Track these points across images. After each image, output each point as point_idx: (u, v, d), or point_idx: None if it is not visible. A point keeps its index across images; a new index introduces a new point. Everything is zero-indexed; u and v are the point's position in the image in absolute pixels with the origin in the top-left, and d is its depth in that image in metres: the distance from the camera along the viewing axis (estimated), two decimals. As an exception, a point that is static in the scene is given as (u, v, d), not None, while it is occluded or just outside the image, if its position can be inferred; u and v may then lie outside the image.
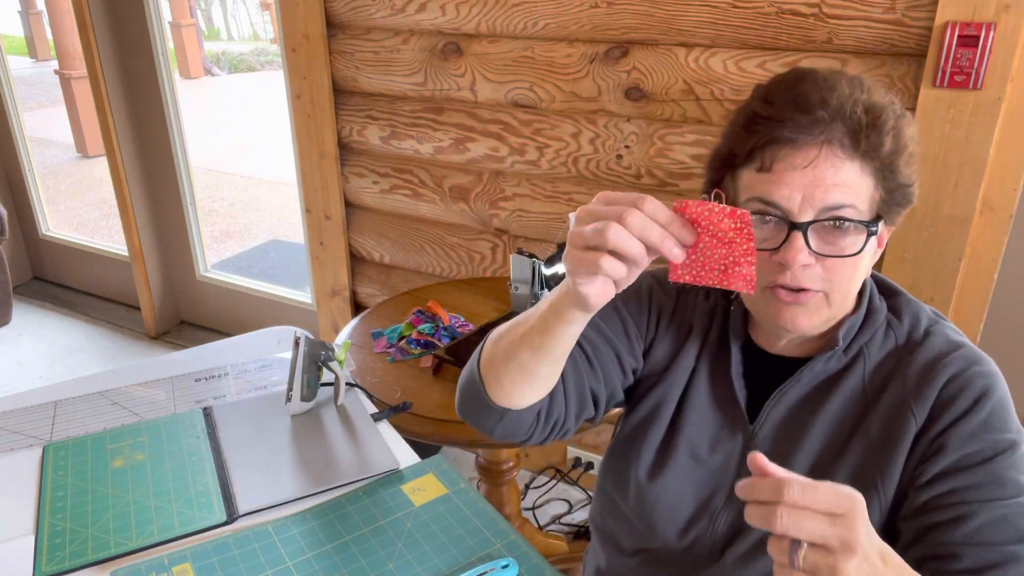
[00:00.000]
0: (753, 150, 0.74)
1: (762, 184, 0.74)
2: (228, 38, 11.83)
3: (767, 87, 0.78)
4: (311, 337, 1.20)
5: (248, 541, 0.95)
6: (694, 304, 0.91)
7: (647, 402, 0.91)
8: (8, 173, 3.30)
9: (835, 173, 0.72)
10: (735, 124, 0.79)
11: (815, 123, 0.72)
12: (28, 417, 1.20)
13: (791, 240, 0.73)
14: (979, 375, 0.77)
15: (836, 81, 0.75)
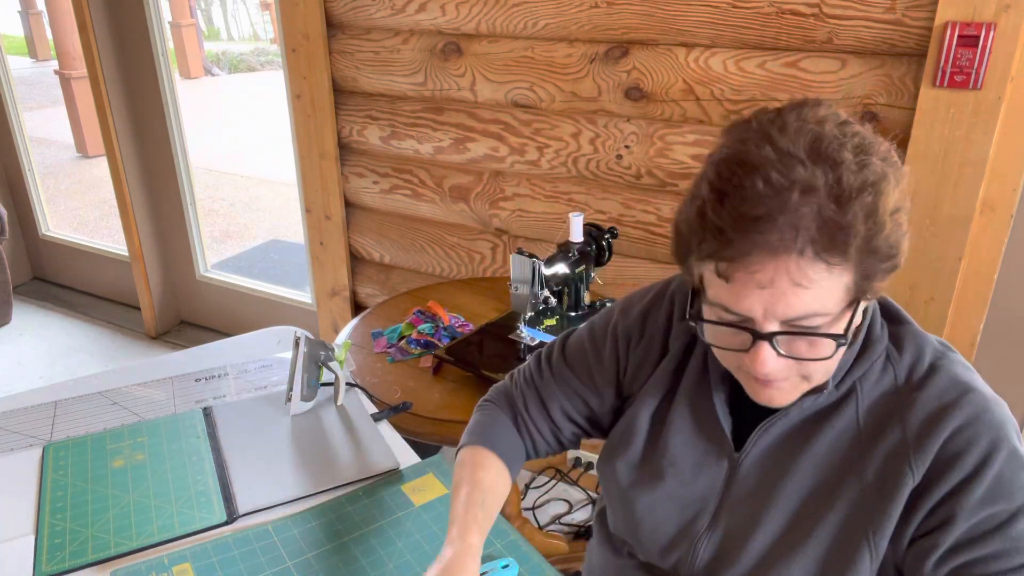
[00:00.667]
0: (705, 254, 0.67)
1: (723, 292, 0.68)
2: (228, 38, 11.83)
3: (717, 176, 0.67)
4: (311, 337, 1.20)
5: (248, 541, 0.95)
6: (666, 323, 0.88)
7: (624, 418, 0.90)
8: (8, 173, 3.30)
9: (798, 286, 0.64)
10: (688, 207, 0.70)
11: (769, 239, 0.63)
12: (28, 417, 1.20)
13: (757, 349, 0.68)
14: (986, 427, 0.70)
15: (790, 172, 0.63)
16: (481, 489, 0.87)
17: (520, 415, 0.96)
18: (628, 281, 1.87)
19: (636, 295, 0.93)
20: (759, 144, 0.65)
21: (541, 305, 1.52)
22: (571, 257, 1.51)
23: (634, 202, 1.79)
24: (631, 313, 0.91)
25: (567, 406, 0.94)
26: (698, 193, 0.68)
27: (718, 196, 0.65)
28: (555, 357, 0.97)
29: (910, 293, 1.53)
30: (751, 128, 0.68)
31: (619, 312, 0.93)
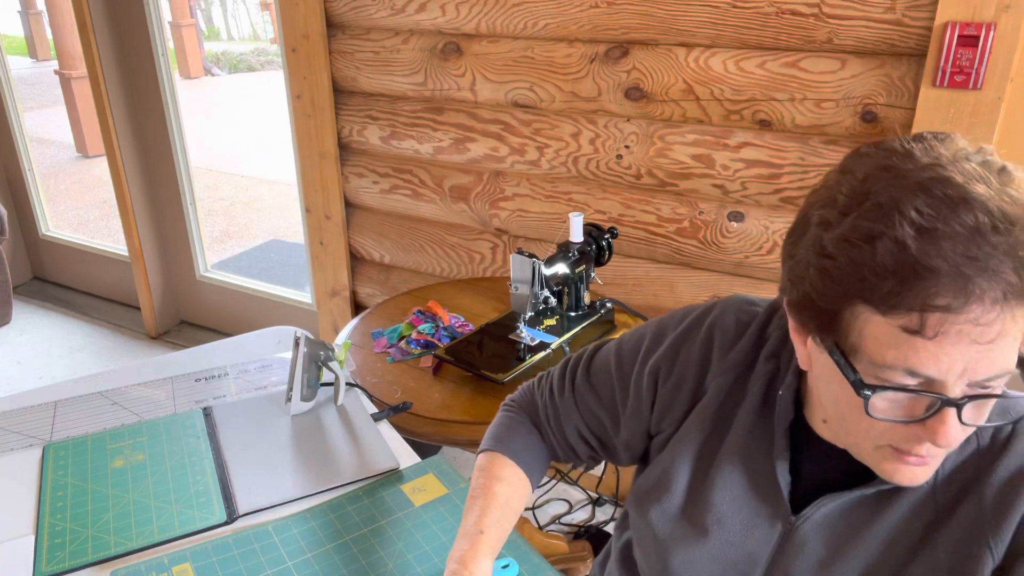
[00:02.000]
0: (902, 305, 0.55)
1: (912, 351, 0.56)
2: (228, 38, 11.83)
3: (915, 207, 0.55)
4: (311, 337, 1.20)
5: (248, 541, 0.95)
6: (701, 360, 0.79)
7: (658, 463, 0.82)
8: (8, 173, 3.30)
9: (1011, 338, 0.56)
10: (862, 247, 0.56)
11: (997, 285, 0.53)
12: (28, 417, 1.20)
13: (943, 418, 0.57)
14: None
15: (1010, 206, 0.54)
16: (497, 504, 0.84)
17: (542, 425, 0.93)
18: (628, 281, 1.87)
19: (670, 320, 0.85)
20: (965, 175, 0.56)
21: (541, 305, 1.52)
22: (571, 257, 1.51)
23: (634, 202, 1.79)
24: (662, 341, 0.83)
25: (582, 427, 0.90)
26: (880, 231, 0.55)
27: (925, 234, 0.53)
28: (579, 374, 0.91)
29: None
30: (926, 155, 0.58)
31: (651, 337, 0.85)
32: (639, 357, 0.84)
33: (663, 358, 0.82)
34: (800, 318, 0.64)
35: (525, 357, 1.42)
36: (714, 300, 0.83)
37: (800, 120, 1.56)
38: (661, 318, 0.86)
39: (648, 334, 0.85)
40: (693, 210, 1.73)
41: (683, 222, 1.75)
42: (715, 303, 0.82)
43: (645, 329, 0.87)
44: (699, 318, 0.81)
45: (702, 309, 0.82)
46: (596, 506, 2.10)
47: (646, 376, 0.82)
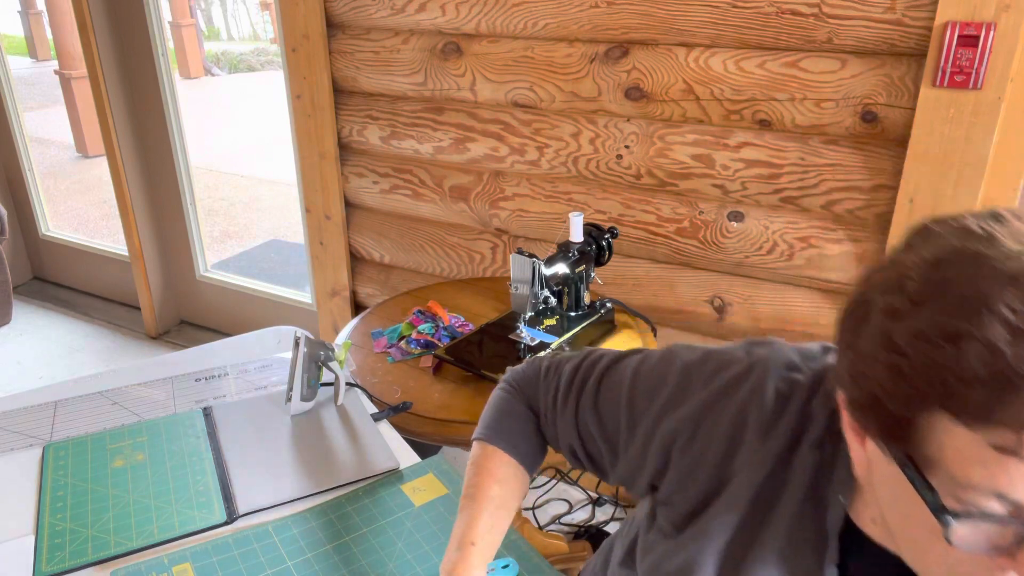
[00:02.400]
0: (993, 419, 0.47)
1: (1003, 472, 0.48)
2: (228, 38, 11.83)
3: (1007, 304, 0.47)
4: (311, 337, 1.20)
5: (248, 541, 0.95)
6: (729, 437, 0.70)
7: (678, 553, 0.73)
8: (8, 173, 3.30)
9: None
10: (943, 347, 0.49)
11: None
12: (28, 417, 1.20)
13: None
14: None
15: None
16: (491, 508, 0.81)
17: (540, 417, 0.90)
18: (628, 281, 1.87)
19: (699, 371, 0.74)
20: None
21: (541, 305, 1.52)
22: (571, 257, 1.51)
23: (634, 202, 1.79)
24: (685, 398, 0.73)
25: (577, 445, 0.85)
26: (966, 330, 0.48)
27: (1021, 336, 0.46)
28: (588, 392, 0.83)
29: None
30: (1012, 239, 0.51)
31: (674, 387, 0.75)
32: (655, 406, 0.75)
33: (684, 422, 0.72)
34: (861, 420, 0.56)
35: (525, 357, 1.42)
36: (755, 352, 0.72)
37: (800, 120, 1.56)
38: (688, 361, 0.76)
39: (671, 380, 0.75)
40: (693, 210, 1.73)
41: (683, 222, 1.75)
42: (752, 364, 0.71)
43: (668, 367, 0.76)
44: (733, 383, 0.71)
45: (738, 371, 0.72)
46: (596, 506, 2.10)
47: (659, 436, 0.74)
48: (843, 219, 1.59)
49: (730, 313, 1.78)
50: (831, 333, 0.59)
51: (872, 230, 1.57)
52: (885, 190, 1.53)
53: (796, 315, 1.70)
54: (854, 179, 1.55)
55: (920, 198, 1.47)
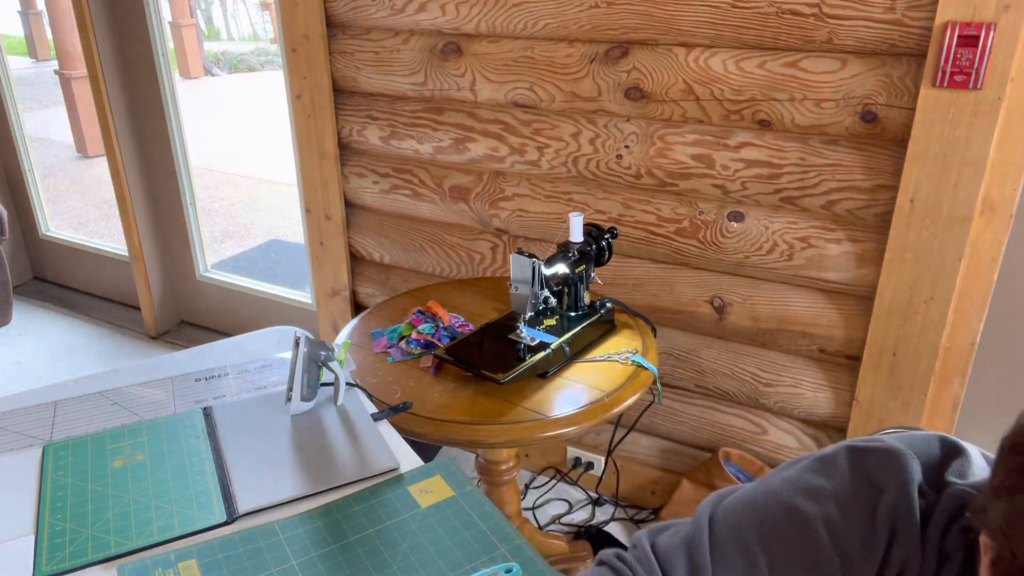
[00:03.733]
0: None
1: None
2: (228, 38, 11.83)
3: None
4: (311, 337, 1.20)
5: (254, 539, 0.95)
6: None
7: None
8: (8, 173, 3.30)
9: None
10: None
11: None
12: (28, 417, 1.20)
13: None
14: None
15: None
16: None
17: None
18: (628, 281, 1.87)
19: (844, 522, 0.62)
20: None
21: (541, 305, 1.52)
22: (571, 257, 1.51)
23: (634, 202, 1.79)
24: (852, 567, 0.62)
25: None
26: None
27: None
28: None
29: (910, 293, 1.53)
30: None
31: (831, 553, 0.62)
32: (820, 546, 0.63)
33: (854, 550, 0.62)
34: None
35: (525, 357, 1.42)
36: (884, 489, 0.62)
37: (800, 120, 1.56)
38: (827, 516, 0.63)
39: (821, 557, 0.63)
40: (693, 210, 1.73)
41: (683, 222, 1.75)
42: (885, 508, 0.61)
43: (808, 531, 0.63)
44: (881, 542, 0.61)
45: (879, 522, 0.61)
46: (596, 506, 2.10)
47: None
48: (843, 219, 1.59)
49: (730, 313, 1.78)
50: (830, 333, 0.56)
51: (872, 230, 1.57)
52: (885, 190, 1.53)
53: (796, 315, 1.71)
54: (854, 179, 1.55)
55: (920, 198, 1.47)
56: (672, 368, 1.91)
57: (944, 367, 1.59)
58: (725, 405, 1.88)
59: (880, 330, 1.59)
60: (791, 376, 1.76)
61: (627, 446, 2.06)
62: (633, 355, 1.49)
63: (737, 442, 1.90)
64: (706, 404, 1.91)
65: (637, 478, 2.07)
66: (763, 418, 1.85)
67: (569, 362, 1.48)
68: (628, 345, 1.54)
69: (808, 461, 0.66)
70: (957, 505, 0.60)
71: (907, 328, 1.56)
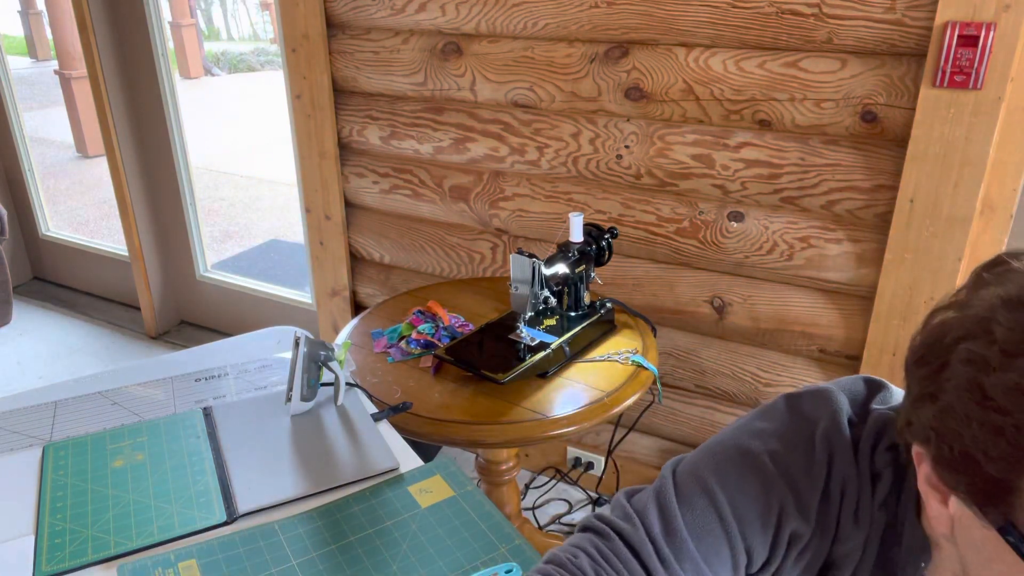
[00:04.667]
0: None
1: None
2: (228, 38, 11.83)
3: None
4: (311, 337, 1.20)
5: (254, 539, 0.95)
6: (836, 527, 0.66)
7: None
8: (8, 173, 3.30)
9: None
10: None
11: None
12: (28, 417, 1.20)
13: None
14: None
15: None
16: None
17: None
18: (628, 281, 1.87)
19: (791, 456, 0.67)
20: None
21: (541, 305, 1.52)
22: (571, 257, 1.51)
23: (634, 202, 1.79)
24: (801, 500, 0.66)
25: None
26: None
27: None
28: (677, 530, 0.69)
29: (910, 293, 1.53)
30: None
31: (782, 487, 0.67)
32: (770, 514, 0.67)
33: (804, 524, 0.66)
34: (951, 479, 0.52)
35: (525, 357, 1.42)
36: (818, 418, 0.68)
37: (800, 120, 1.56)
38: (772, 450, 0.68)
39: (774, 482, 0.67)
40: (693, 210, 1.73)
41: (683, 222, 1.75)
42: (829, 437, 0.66)
43: (759, 469, 0.67)
44: (828, 468, 0.66)
45: (825, 454, 0.66)
46: (596, 506, 2.10)
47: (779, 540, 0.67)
48: (843, 219, 1.59)
49: (730, 313, 1.78)
50: (830, 333, 0.58)
51: (872, 230, 1.57)
52: (885, 190, 1.53)
53: (796, 315, 1.71)
54: (854, 179, 1.55)
55: (920, 198, 1.47)
56: (672, 368, 1.91)
57: (944, 367, 1.59)
58: (725, 405, 1.88)
59: (880, 330, 1.59)
60: (791, 376, 1.76)
61: (627, 446, 2.06)
62: (633, 355, 1.49)
63: (737, 442, 1.90)
64: (706, 404, 1.91)
65: (637, 478, 2.07)
66: (763, 418, 1.84)
67: (569, 362, 1.48)
68: (628, 345, 1.54)
69: (753, 412, 0.74)
70: (881, 425, 0.66)
71: (907, 328, 1.56)
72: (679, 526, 0.67)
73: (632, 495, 0.74)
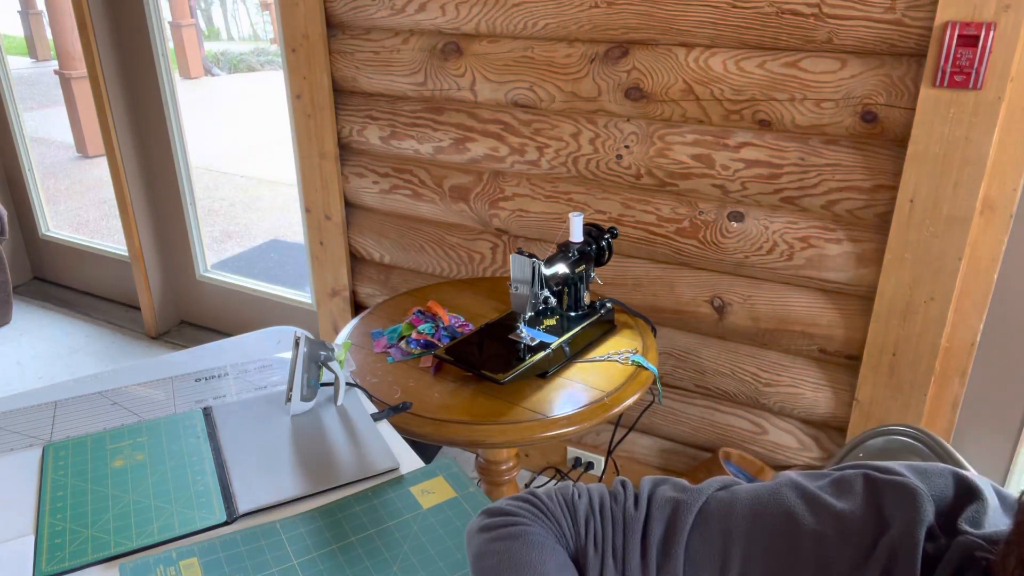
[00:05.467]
0: None
1: None
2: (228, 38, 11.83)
3: None
4: (311, 337, 1.20)
5: (255, 538, 0.95)
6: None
7: None
8: (8, 173, 3.30)
9: None
10: None
11: None
12: (28, 417, 1.20)
13: None
14: None
15: None
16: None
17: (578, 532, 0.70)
18: (628, 281, 1.87)
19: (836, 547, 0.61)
20: None
21: (541, 305, 1.52)
22: (571, 257, 1.51)
23: (634, 202, 1.79)
24: None
25: None
26: None
27: None
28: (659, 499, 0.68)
29: (910, 293, 1.53)
30: None
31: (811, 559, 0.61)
32: None
33: None
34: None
35: (525, 357, 1.42)
36: (888, 513, 0.61)
37: (800, 120, 1.56)
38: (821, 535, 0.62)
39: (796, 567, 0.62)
40: (693, 210, 1.73)
41: (683, 222, 1.75)
42: (886, 542, 0.60)
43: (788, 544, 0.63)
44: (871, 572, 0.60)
45: (876, 555, 0.60)
46: (596, 506, 2.10)
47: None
48: (843, 219, 1.59)
49: (730, 313, 1.78)
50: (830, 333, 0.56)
51: (872, 230, 1.57)
52: (885, 190, 1.53)
53: (796, 315, 1.71)
54: (854, 179, 1.55)
55: (920, 198, 1.47)
56: (672, 368, 1.91)
57: (944, 367, 1.59)
58: (725, 405, 1.88)
59: (880, 330, 1.59)
60: (791, 376, 1.76)
61: (627, 446, 2.06)
62: (633, 355, 1.49)
63: (737, 442, 1.90)
64: (706, 404, 1.91)
65: (637, 478, 2.06)
66: (763, 418, 1.85)
67: (569, 362, 1.48)
68: (628, 345, 1.54)
69: (826, 480, 0.66)
70: (966, 556, 0.58)
71: (907, 328, 1.56)
72: (679, 541, 0.65)
73: (659, 484, 0.71)
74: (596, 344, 1.55)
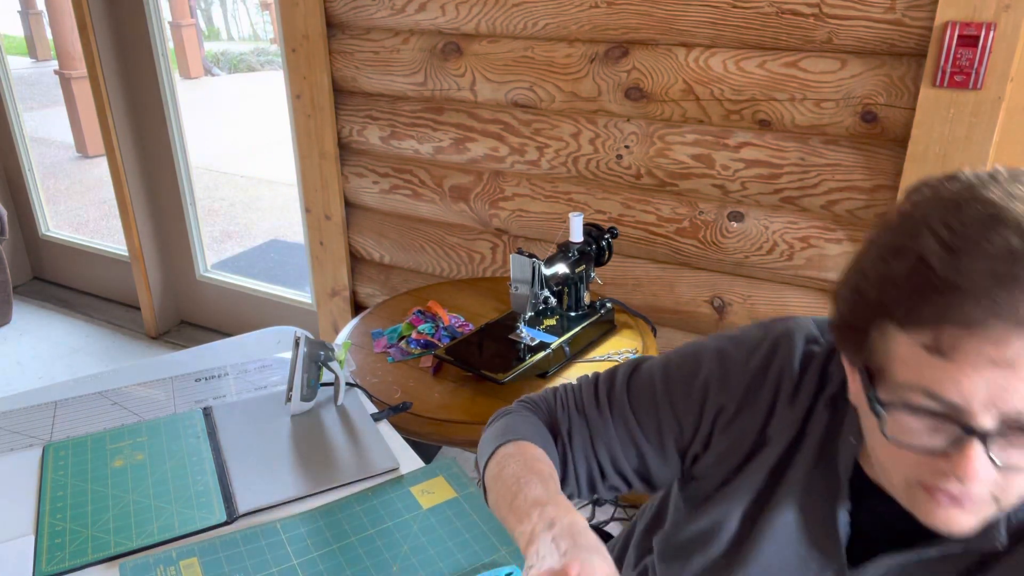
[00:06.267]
0: (921, 320, 0.53)
1: (931, 371, 0.53)
2: (228, 38, 11.83)
3: (945, 222, 0.54)
4: (311, 337, 1.20)
5: (256, 538, 0.95)
6: (769, 406, 0.73)
7: (702, 518, 0.76)
8: (8, 173, 3.30)
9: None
10: (889, 262, 0.56)
11: (1018, 303, 0.50)
12: (28, 417, 1.20)
13: (966, 451, 0.53)
14: None
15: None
16: (553, 479, 0.73)
17: (563, 441, 0.82)
18: (628, 281, 1.87)
19: (734, 352, 0.76)
20: (1006, 196, 0.53)
21: (541, 305, 1.52)
22: (571, 257, 1.51)
23: (634, 202, 1.79)
24: (726, 379, 0.75)
25: (618, 454, 0.80)
26: (906, 246, 0.54)
27: (950, 250, 0.52)
28: (617, 391, 0.82)
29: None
30: (971, 180, 0.57)
31: (711, 369, 0.77)
32: (695, 388, 0.77)
33: (729, 399, 0.75)
34: (838, 343, 0.63)
35: (525, 357, 1.42)
36: (776, 328, 0.76)
37: (800, 120, 1.56)
38: (719, 346, 0.78)
39: (706, 364, 0.77)
40: (693, 210, 1.73)
41: (683, 222, 1.75)
42: (779, 338, 0.74)
43: (699, 355, 0.78)
44: (767, 358, 0.74)
45: (768, 347, 0.74)
46: (596, 506, 2.10)
47: (705, 414, 0.76)
48: (843, 219, 1.59)
49: (730, 313, 1.78)
50: None
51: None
52: (885, 190, 1.53)
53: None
54: (854, 179, 1.55)
55: (920, 198, 1.47)
56: (672, 368, 1.91)
57: (944, 367, 1.59)
58: (725, 405, 1.88)
59: (880, 330, 1.58)
60: (791, 376, 1.76)
61: (627, 446, 2.05)
62: (633, 355, 1.49)
63: (737, 442, 1.90)
64: (706, 404, 1.91)
65: (637, 478, 2.06)
66: (763, 418, 1.84)
67: (569, 362, 1.48)
68: (628, 345, 1.54)
69: None
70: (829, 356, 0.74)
71: (907, 328, 1.56)
72: (620, 384, 0.82)
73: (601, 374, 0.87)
74: (596, 344, 1.55)
